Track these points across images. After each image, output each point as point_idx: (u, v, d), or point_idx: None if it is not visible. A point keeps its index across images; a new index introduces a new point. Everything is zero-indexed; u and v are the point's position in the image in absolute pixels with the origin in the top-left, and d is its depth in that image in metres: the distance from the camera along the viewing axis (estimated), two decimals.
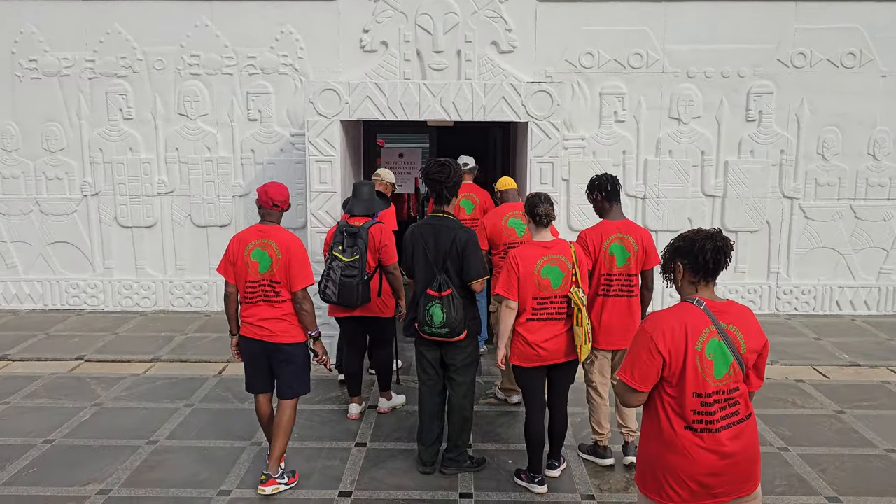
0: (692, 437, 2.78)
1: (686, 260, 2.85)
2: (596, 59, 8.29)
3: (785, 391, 6.32)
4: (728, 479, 2.81)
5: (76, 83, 8.44)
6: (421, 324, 4.61)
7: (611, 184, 4.81)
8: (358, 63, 8.29)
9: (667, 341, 2.75)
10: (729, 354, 2.76)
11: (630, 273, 4.76)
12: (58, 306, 8.81)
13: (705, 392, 2.75)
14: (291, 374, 4.54)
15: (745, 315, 2.86)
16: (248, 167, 8.54)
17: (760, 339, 2.86)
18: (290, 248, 4.39)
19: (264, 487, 4.50)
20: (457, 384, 4.75)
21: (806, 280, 8.65)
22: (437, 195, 4.68)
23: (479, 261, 4.62)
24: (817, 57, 8.27)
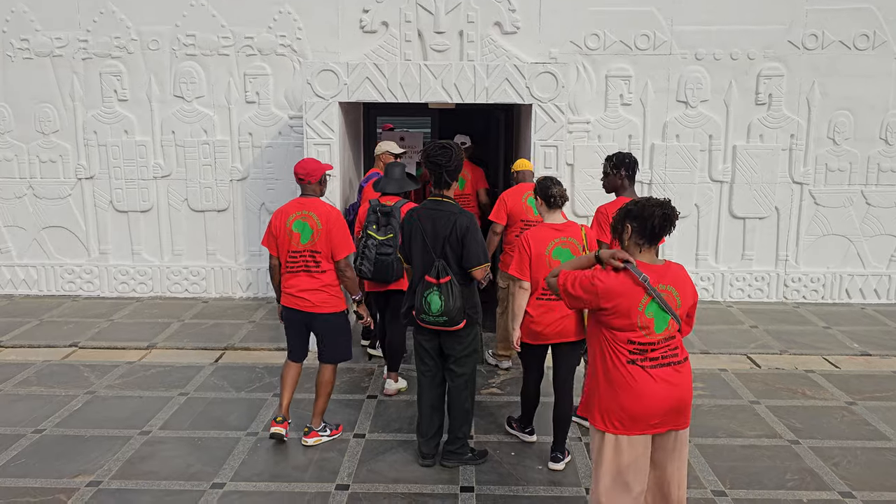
0: (634, 369, 3.17)
1: (635, 223, 3.18)
2: (602, 40, 8.08)
3: (794, 381, 6.17)
4: (665, 410, 3.19)
5: (69, 64, 8.25)
6: (418, 312, 4.45)
7: (636, 164, 5.11)
8: (357, 44, 8.08)
9: (611, 300, 3.15)
10: (666, 313, 3.15)
11: None
12: (52, 292, 8.66)
13: (648, 341, 3.17)
14: (332, 341, 4.88)
15: (680, 274, 3.26)
16: (245, 151, 8.35)
17: (692, 295, 3.30)
18: (331, 218, 4.69)
19: (306, 439, 4.92)
20: (456, 375, 4.59)
21: (815, 267, 8.47)
22: (437, 179, 4.51)
23: (480, 247, 4.44)
24: (829, 38, 8.05)
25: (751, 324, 7.65)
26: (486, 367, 6.43)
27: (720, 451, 4.89)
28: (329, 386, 4.96)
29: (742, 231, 8.41)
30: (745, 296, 8.49)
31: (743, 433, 5.17)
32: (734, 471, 4.61)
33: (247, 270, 8.54)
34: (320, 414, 5.00)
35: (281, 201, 8.24)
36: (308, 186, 4.82)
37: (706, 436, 5.11)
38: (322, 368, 4.95)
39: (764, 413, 5.52)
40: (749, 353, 6.83)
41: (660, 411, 3.19)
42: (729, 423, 5.34)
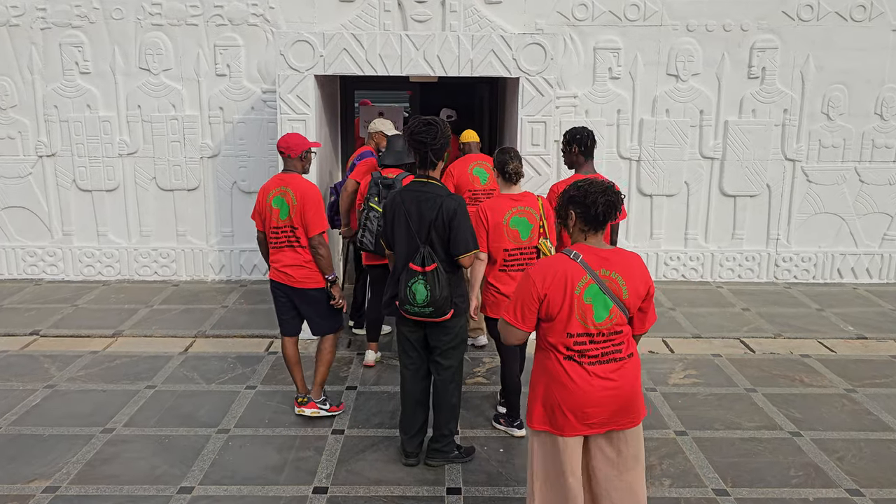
0: (572, 366, 2.98)
1: (579, 209, 3.02)
2: (590, 10, 7.72)
3: (791, 367, 5.95)
4: (604, 409, 2.99)
5: (27, 34, 7.74)
6: (402, 302, 4.13)
7: (590, 139, 5.02)
8: (334, 14, 7.66)
9: (546, 284, 2.95)
10: (609, 300, 2.95)
11: None
12: (14, 275, 8.23)
13: (586, 332, 2.96)
14: (318, 315, 4.89)
15: (629, 262, 3.03)
16: (216, 126, 7.92)
17: (644, 285, 3.03)
18: (306, 194, 4.64)
19: (303, 409, 4.97)
20: (443, 368, 4.29)
21: (806, 247, 8.25)
22: (422, 158, 4.17)
23: (469, 232, 4.12)
24: (825, 9, 7.75)
25: (742, 306, 7.43)
26: (469, 354, 6.15)
27: (719, 445, 4.65)
28: (328, 355, 4.97)
29: (733, 209, 8.16)
30: (736, 276, 8.26)
31: (741, 425, 4.94)
32: (735, 467, 4.37)
33: (219, 252, 8.16)
34: (320, 385, 5.01)
35: (254, 179, 7.93)
36: (289, 161, 4.80)
37: (704, 428, 4.88)
38: (320, 341, 4.99)
39: (762, 402, 5.29)
40: (742, 336, 6.60)
41: (599, 411, 3.00)
42: (726, 413, 5.11)
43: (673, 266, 8.23)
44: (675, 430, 4.87)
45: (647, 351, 6.25)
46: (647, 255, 8.16)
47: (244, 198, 8.00)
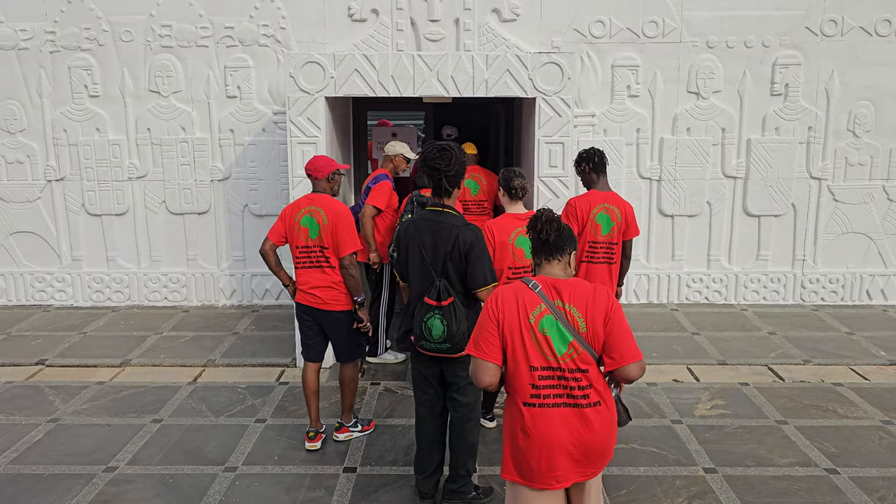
0: (532, 413, 2.82)
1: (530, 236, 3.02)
2: (607, 27, 7.54)
3: (823, 397, 5.68)
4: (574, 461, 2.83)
5: (36, 57, 7.67)
6: (417, 337, 3.93)
7: (598, 156, 5.18)
8: (346, 33, 7.53)
9: (499, 308, 2.87)
10: (567, 333, 2.80)
11: (612, 241, 5.11)
12: (23, 301, 8.10)
13: (542, 366, 2.80)
14: (344, 339, 4.83)
15: (588, 295, 2.85)
16: (227, 149, 7.79)
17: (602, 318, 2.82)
18: (338, 214, 4.65)
19: (338, 434, 4.98)
20: (460, 405, 4.08)
21: (834, 268, 7.98)
22: (436, 185, 3.98)
23: (487, 265, 3.91)
24: (849, 24, 7.53)
25: (769, 330, 7.16)
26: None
27: (751, 483, 4.40)
28: (353, 382, 4.97)
29: (757, 230, 7.91)
30: (761, 298, 8.00)
31: (774, 461, 4.68)
32: None
33: (230, 276, 8.00)
34: (349, 410, 5.01)
35: (265, 202, 7.79)
36: (317, 182, 4.79)
37: (735, 465, 4.62)
38: (341, 367, 4.95)
39: (794, 435, 5.03)
40: (770, 363, 6.34)
41: (564, 465, 2.83)
42: (757, 448, 4.85)
43: (696, 288, 7.99)
44: (704, 466, 4.62)
45: (672, 380, 6.01)
46: (668, 276, 7.93)
47: (256, 221, 7.85)
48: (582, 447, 2.82)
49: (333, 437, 4.98)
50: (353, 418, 5.06)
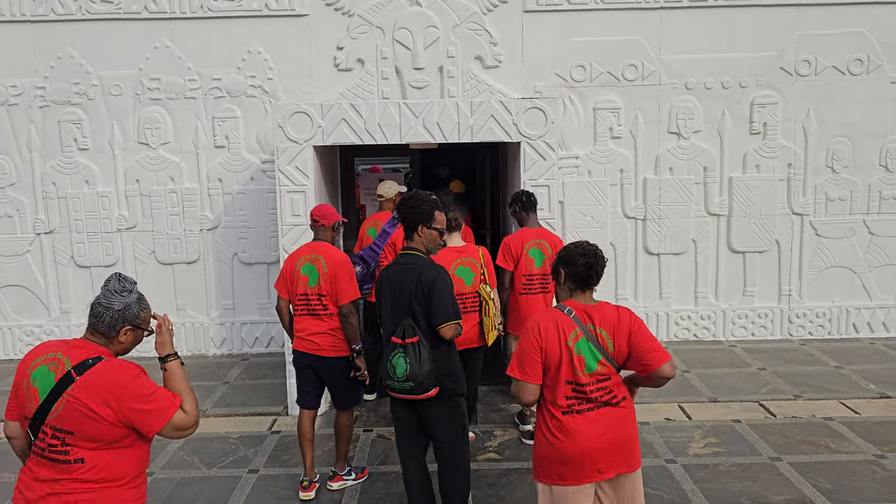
0: (569, 418, 3.15)
1: (568, 269, 3.28)
2: (588, 71, 7.72)
3: (815, 432, 5.71)
4: (610, 451, 3.14)
5: (26, 112, 7.75)
6: (383, 377, 3.93)
7: (527, 196, 5.70)
8: (332, 83, 7.67)
9: (542, 336, 3.16)
10: (597, 353, 3.16)
11: (546, 273, 5.54)
12: (10, 356, 8.05)
13: (577, 382, 3.14)
14: (341, 385, 4.86)
15: (614, 318, 3.21)
16: (215, 198, 7.86)
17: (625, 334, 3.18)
18: (337, 262, 4.73)
19: (332, 483, 4.97)
20: (445, 450, 4.06)
21: (820, 302, 8.07)
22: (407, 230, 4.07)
23: (449, 301, 3.90)
24: (822, 64, 7.75)
25: (758, 365, 7.21)
26: (480, 427, 5.92)
27: None
28: (348, 430, 4.98)
29: (742, 266, 8.01)
30: (749, 334, 8.06)
31: (769, 498, 4.69)
32: None
33: (220, 325, 7.99)
34: (343, 458, 5.02)
35: (254, 250, 7.83)
36: (321, 230, 4.90)
37: (730, 503, 4.62)
38: (337, 414, 4.97)
39: (787, 472, 5.04)
40: (761, 399, 6.38)
41: (599, 453, 3.15)
42: (752, 485, 4.86)
43: (684, 325, 8.05)
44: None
45: (664, 418, 6.03)
46: (657, 314, 7.99)
47: (245, 269, 7.88)
48: (615, 437, 3.16)
49: (327, 487, 4.94)
50: (346, 466, 5.04)
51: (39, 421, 2.64)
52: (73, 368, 2.65)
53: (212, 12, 7.58)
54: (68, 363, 2.67)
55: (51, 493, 2.63)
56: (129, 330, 2.80)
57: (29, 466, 2.71)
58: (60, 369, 2.66)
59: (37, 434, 2.66)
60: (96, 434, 2.62)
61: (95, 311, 2.78)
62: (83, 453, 2.63)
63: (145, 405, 2.64)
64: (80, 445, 2.63)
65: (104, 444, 2.64)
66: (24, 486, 2.68)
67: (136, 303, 2.81)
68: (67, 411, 2.61)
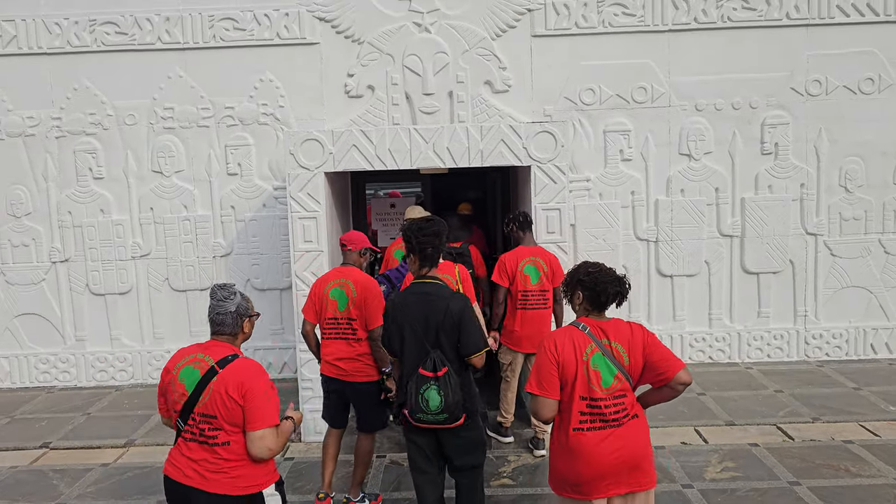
0: (584, 434, 3.23)
1: (587, 292, 3.37)
2: (597, 94, 7.75)
3: (834, 455, 5.62)
4: (620, 468, 3.22)
5: (42, 143, 7.86)
6: (413, 411, 3.87)
7: (523, 216, 5.97)
8: (343, 110, 7.74)
9: (559, 350, 3.27)
10: (613, 367, 3.25)
11: (543, 289, 5.82)
12: (26, 384, 8.09)
13: (591, 397, 3.22)
14: (367, 409, 4.88)
15: (627, 332, 3.33)
16: (228, 225, 7.91)
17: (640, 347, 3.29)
18: (367, 287, 4.79)
19: None
20: (462, 474, 4.04)
21: (836, 322, 7.99)
22: (423, 258, 4.02)
23: (478, 331, 3.95)
24: (833, 84, 7.74)
25: (775, 388, 7.13)
26: (493, 453, 5.88)
27: None
28: (367, 455, 4.98)
29: (756, 287, 7.95)
30: (765, 356, 7.98)
31: None
32: None
33: None
34: (359, 484, 5.01)
35: (267, 277, 7.86)
36: (349, 254, 5.00)
37: None
38: (359, 438, 4.96)
39: (807, 497, 4.97)
40: (779, 422, 6.30)
41: (611, 471, 3.22)
42: None
43: (699, 348, 7.98)
44: None
45: (680, 442, 5.96)
46: (671, 337, 7.93)
47: (258, 295, 7.90)
48: (624, 455, 3.23)
49: None
50: (360, 493, 5.02)
51: (188, 411, 3.15)
52: (217, 364, 3.15)
53: (224, 42, 7.69)
54: (210, 360, 3.18)
55: (209, 471, 3.14)
56: (247, 321, 3.35)
57: (181, 448, 3.21)
58: (204, 365, 3.17)
59: (186, 422, 3.16)
60: (234, 418, 3.10)
61: (216, 319, 3.30)
62: (227, 436, 3.12)
63: (259, 403, 3.10)
64: (223, 429, 3.11)
65: (241, 427, 3.12)
66: (180, 464, 3.20)
67: (242, 300, 3.35)
68: (212, 400, 3.11)
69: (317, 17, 7.67)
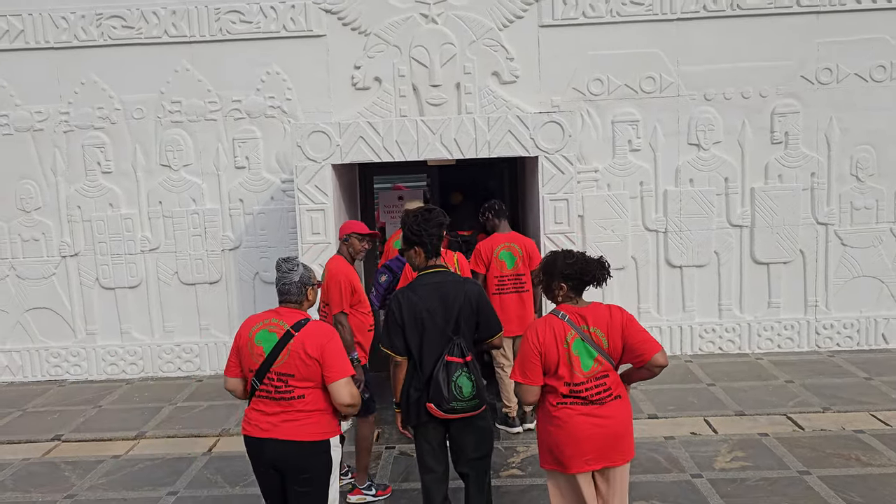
0: (565, 409, 3.44)
1: (571, 283, 3.54)
2: (605, 85, 7.71)
3: (845, 445, 5.59)
4: (599, 444, 3.42)
5: (51, 137, 7.89)
6: (446, 401, 3.80)
7: (497, 204, 6.12)
8: (350, 102, 7.72)
9: (540, 341, 3.46)
10: (593, 351, 3.44)
11: (519, 273, 5.98)
12: (38, 377, 8.14)
13: (573, 381, 3.43)
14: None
15: (605, 316, 3.50)
16: (237, 218, 7.92)
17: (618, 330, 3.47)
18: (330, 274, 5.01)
19: (351, 497, 5.00)
20: (471, 463, 4.02)
21: (847, 312, 7.93)
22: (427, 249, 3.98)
23: (494, 312, 4.02)
24: (844, 72, 7.67)
25: (785, 378, 7.09)
26: (502, 443, 5.88)
27: None
28: (367, 441, 5.07)
29: (766, 277, 7.91)
30: (775, 346, 7.94)
31: None
32: None
33: None
34: (364, 470, 5.08)
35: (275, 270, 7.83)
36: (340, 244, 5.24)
37: None
38: (359, 425, 5.05)
39: (818, 486, 4.94)
40: (789, 412, 6.27)
41: (591, 447, 3.42)
42: (780, 500, 4.77)
43: (708, 339, 7.95)
44: None
45: (690, 432, 5.95)
46: (680, 328, 7.90)
47: (267, 288, 7.92)
48: (604, 432, 3.42)
49: (347, 500, 4.95)
50: (367, 480, 5.04)
51: (264, 371, 3.50)
52: (291, 328, 3.50)
53: (230, 35, 7.69)
54: (285, 324, 3.52)
55: (283, 421, 3.50)
56: (310, 288, 3.68)
57: (257, 407, 3.55)
58: (280, 329, 3.52)
59: (262, 381, 3.51)
60: (310, 375, 3.48)
61: (283, 289, 3.63)
62: (302, 391, 3.50)
63: (336, 358, 3.49)
64: (299, 385, 3.49)
65: (316, 383, 3.49)
66: (255, 420, 3.56)
67: (304, 270, 3.68)
68: (291, 359, 3.47)
69: (323, 8, 7.66)
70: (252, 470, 3.70)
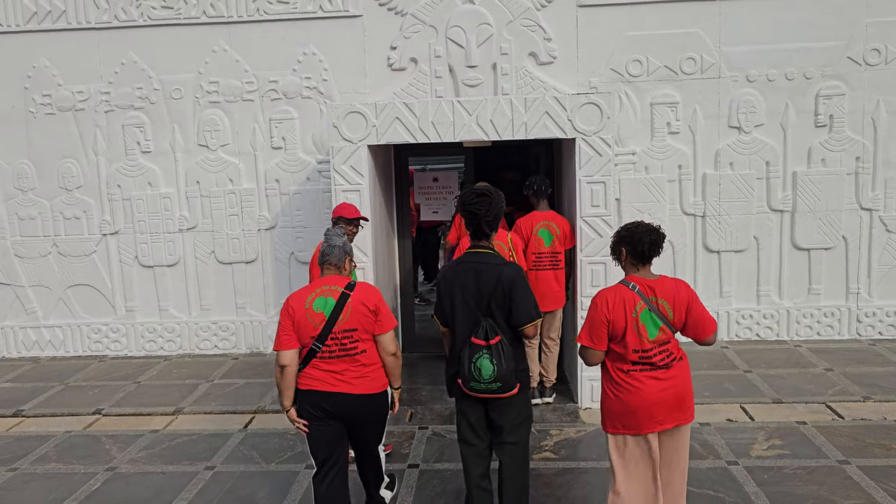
0: (636, 374, 3.64)
1: (629, 247, 3.68)
2: (644, 66, 7.58)
3: (886, 435, 5.48)
4: (669, 405, 3.62)
5: (91, 117, 8.00)
6: (466, 380, 3.92)
7: (537, 184, 6.37)
8: (386, 82, 7.71)
9: (610, 308, 3.64)
10: (658, 321, 3.63)
11: (556, 251, 6.22)
12: (79, 352, 8.33)
13: (642, 348, 3.63)
14: None
15: (673, 290, 3.68)
16: (273, 198, 7.98)
17: (684, 304, 3.66)
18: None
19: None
20: (507, 447, 4.04)
21: (890, 300, 7.75)
22: (476, 229, 4.02)
23: (531, 301, 3.94)
24: (893, 52, 7.44)
25: (825, 366, 6.97)
26: (537, 427, 5.86)
27: None
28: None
29: (807, 263, 7.76)
30: (815, 333, 7.80)
31: (836, 502, 4.53)
32: None
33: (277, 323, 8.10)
34: None
35: (311, 250, 7.90)
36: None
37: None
38: None
39: (857, 476, 4.86)
40: (828, 401, 6.16)
41: (661, 407, 3.61)
42: (819, 489, 4.70)
43: (746, 325, 7.83)
44: None
45: (726, 419, 5.88)
46: (717, 313, 7.79)
47: (302, 268, 7.98)
48: (673, 392, 3.63)
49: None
50: None
51: (327, 332, 3.85)
52: (345, 289, 3.91)
53: (267, 15, 7.71)
54: (338, 288, 3.91)
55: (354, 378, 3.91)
56: (349, 259, 4.10)
57: (319, 366, 3.89)
58: (335, 293, 3.90)
59: (324, 342, 3.85)
60: (370, 327, 3.93)
61: (326, 251, 4.04)
62: (364, 346, 3.93)
63: (386, 311, 4.00)
64: (361, 339, 3.92)
65: (370, 336, 3.95)
66: (319, 377, 3.89)
67: (347, 241, 4.12)
68: (353, 315, 3.88)
69: None
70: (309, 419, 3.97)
